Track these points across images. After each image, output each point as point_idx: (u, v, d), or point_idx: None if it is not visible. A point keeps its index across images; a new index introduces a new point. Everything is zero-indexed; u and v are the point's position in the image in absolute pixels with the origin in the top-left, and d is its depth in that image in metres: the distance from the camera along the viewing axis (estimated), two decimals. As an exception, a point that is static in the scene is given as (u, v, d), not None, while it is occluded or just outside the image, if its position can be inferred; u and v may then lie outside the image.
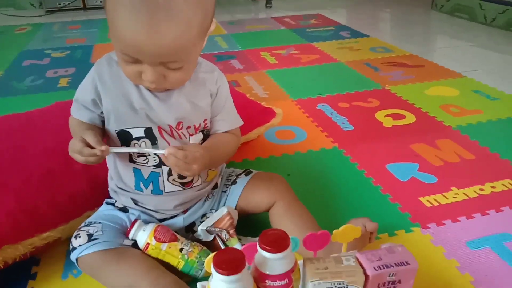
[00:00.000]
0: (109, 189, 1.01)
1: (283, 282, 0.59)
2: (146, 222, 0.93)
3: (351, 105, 1.78)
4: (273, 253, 0.58)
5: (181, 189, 0.95)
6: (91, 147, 0.81)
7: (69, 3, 3.71)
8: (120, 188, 0.96)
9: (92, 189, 1.03)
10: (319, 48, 2.53)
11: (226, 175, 1.08)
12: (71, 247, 0.88)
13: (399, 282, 0.62)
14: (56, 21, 3.42)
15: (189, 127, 0.92)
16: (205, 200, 1.01)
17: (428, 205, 1.17)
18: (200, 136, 0.95)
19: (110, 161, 0.96)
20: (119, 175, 0.95)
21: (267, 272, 0.59)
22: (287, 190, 1.03)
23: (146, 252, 0.88)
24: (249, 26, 3.11)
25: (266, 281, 0.59)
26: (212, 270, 0.55)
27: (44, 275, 0.97)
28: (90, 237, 0.87)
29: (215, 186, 1.04)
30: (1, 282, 0.96)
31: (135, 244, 0.90)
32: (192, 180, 0.96)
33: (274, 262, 0.59)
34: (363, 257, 0.64)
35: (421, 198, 1.19)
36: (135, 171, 0.92)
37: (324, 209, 1.14)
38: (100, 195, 1.02)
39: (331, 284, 0.60)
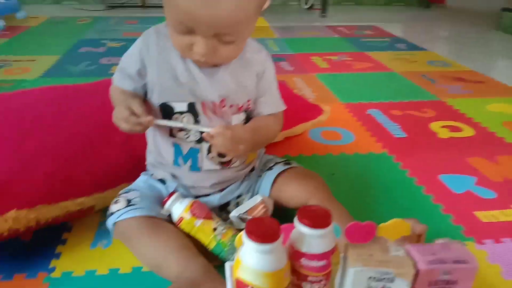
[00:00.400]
0: (147, 163, 0.99)
1: (321, 263, 0.53)
2: (184, 196, 0.90)
3: (404, 113, 1.69)
4: (312, 228, 0.52)
5: (219, 168, 0.91)
6: (136, 116, 0.79)
7: (128, 0, 3.84)
8: (158, 162, 0.94)
9: (130, 162, 1.02)
10: (373, 57, 2.45)
11: (265, 161, 1.04)
12: (108, 212, 0.87)
13: (455, 283, 0.54)
14: (115, 15, 3.53)
15: (232, 105, 0.89)
16: (241, 182, 0.97)
17: (485, 220, 1.06)
18: (242, 116, 0.92)
19: (149, 134, 0.94)
20: (158, 149, 0.93)
21: (304, 250, 0.53)
22: (324, 189, 0.96)
23: (178, 226, 0.85)
24: (301, 32, 3.07)
25: (302, 260, 0.53)
26: (243, 238, 0.50)
27: (74, 242, 0.96)
28: (128, 202, 0.86)
29: (253, 169, 1.00)
30: (32, 243, 0.96)
31: (170, 217, 0.87)
32: (231, 160, 0.92)
33: (312, 240, 0.53)
34: (414, 250, 0.56)
35: (476, 213, 1.09)
36: (174, 146, 0.90)
37: (367, 214, 1.06)
38: (137, 168, 1.00)
39: (375, 274, 0.53)
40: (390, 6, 4.10)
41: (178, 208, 0.86)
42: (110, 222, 0.86)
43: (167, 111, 0.87)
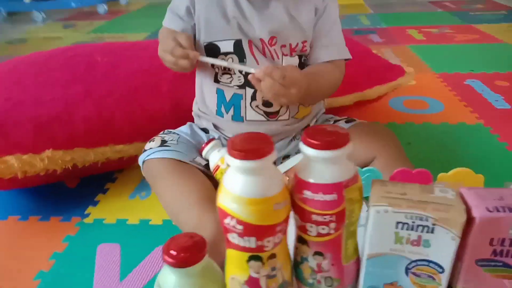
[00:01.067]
0: (193, 113, 0.92)
1: (328, 197, 0.39)
2: (223, 145, 0.82)
3: (512, 84, 1.40)
4: (318, 149, 0.38)
5: (265, 119, 0.80)
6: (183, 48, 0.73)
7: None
8: (202, 112, 0.87)
9: (174, 112, 0.95)
10: (481, 29, 2.11)
11: (322, 120, 0.90)
12: (143, 150, 0.82)
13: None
14: None
15: (283, 45, 0.78)
16: (291, 140, 0.85)
17: None
18: (295, 60, 0.80)
19: (197, 82, 0.87)
20: (203, 97, 0.86)
21: (308, 179, 0.40)
22: (394, 145, 0.80)
23: (214, 175, 0.77)
24: (399, 7, 2.80)
25: (305, 192, 0.40)
26: (226, 157, 0.38)
27: (114, 191, 0.94)
28: (163, 143, 0.80)
29: (306, 128, 0.87)
30: (76, 191, 0.95)
31: (207, 166, 0.79)
32: (278, 112, 0.80)
33: (318, 164, 0.40)
34: (472, 193, 0.40)
35: None
36: (218, 92, 0.82)
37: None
38: (182, 119, 0.93)
39: (405, 217, 0.37)
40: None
41: (215, 156, 0.78)
42: (140, 159, 0.81)
43: (213, 52, 0.79)
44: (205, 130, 0.88)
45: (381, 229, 0.39)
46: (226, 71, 0.79)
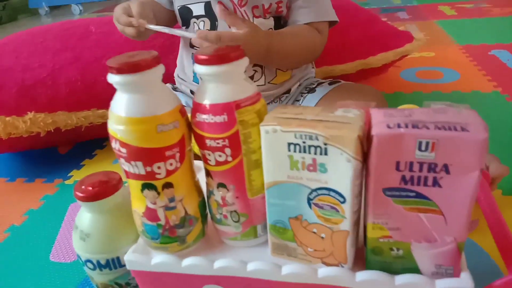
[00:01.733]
0: (174, 76, 0.91)
1: (218, 119, 0.35)
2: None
3: (544, 52, 1.27)
4: (205, 64, 0.35)
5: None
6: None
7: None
8: (181, 78, 0.86)
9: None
10: (524, 2, 1.94)
11: (305, 84, 0.85)
12: None
13: (447, 168, 0.31)
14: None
15: (256, 6, 0.74)
16: (268, 104, 0.81)
17: None
18: (270, 22, 0.75)
19: (180, 49, 0.86)
20: (182, 65, 0.85)
21: (201, 101, 0.36)
22: (378, 105, 0.73)
23: None
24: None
25: (198, 115, 0.37)
26: (108, 76, 0.36)
27: (101, 157, 0.95)
28: None
29: (288, 92, 0.82)
30: (65, 156, 0.97)
31: None
32: (252, 77, 0.77)
33: (206, 83, 0.36)
34: (380, 112, 0.34)
35: None
36: (193, 57, 0.79)
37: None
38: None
39: (295, 137, 0.33)
40: None
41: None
42: None
43: (186, 17, 0.77)
44: (182, 92, 0.86)
45: (274, 153, 0.35)
46: None
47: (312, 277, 0.38)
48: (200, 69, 0.36)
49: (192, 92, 0.83)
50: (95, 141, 0.99)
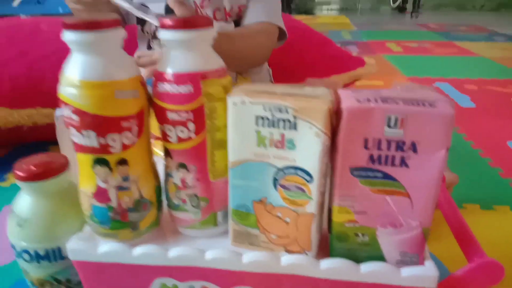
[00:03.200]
0: None
1: (182, 88, 0.33)
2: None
3: (481, 88, 1.37)
4: (172, 29, 0.33)
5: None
6: None
7: None
8: None
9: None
10: (461, 45, 2.10)
11: None
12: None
13: (414, 146, 0.30)
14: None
15: (217, 9, 0.73)
16: None
17: None
18: (231, 25, 0.75)
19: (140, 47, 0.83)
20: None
21: (164, 70, 0.34)
22: None
23: None
24: (385, 25, 2.81)
25: (159, 84, 0.34)
26: (62, 35, 0.33)
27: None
28: None
29: None
30: (3, 159, 0.90)
31: None
32: None
33: (174, 51, 0.34)
34: (348, 91, 0.34)
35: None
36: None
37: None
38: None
39: (264, 109, 0.32)
40: (498, 11, 3.62)
41: None
42: (56, 113, 0.73)
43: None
44: None
45: (241, 127, 0.33)
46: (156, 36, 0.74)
47: (275, 265, 0.36)
48: (166, 34, 0.34)
49: None
50: (37, 145, 0.92)
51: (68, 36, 0.32)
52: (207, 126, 0.35)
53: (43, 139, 0.92)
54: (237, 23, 0.76)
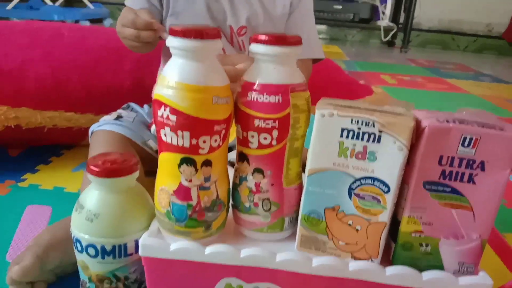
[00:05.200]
0: (152, 91, 0.87)
1: (273, 98, 0.36)
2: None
3: (475, 122, 1.44)
4: (267, 44, 0.36)
5: None
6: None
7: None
8: None
9: (134, 90, 0.91)
10: (451, 82, 2.20)
11: None
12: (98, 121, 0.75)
13: (483, 165, 0.34)
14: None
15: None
16: None
17: None
18: None
19: (160, 68, 0.84)
20: None
21: (255, 81, 0.37)
22: None
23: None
24: (376, 58, 2.92)
25: (249, 93, 0.37)
26: (168, 41, 0.35)
27: (58, 164, 0.88)
28: (119, 118, 0.75)
29: None
30: (17, 159, 0.89)
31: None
32: None
33: (266, 64, 0.37)
34: (423, 111, 0.37)
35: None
36: None
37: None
38: (141, 97, 0.89)
39: (352, 123, 0.34)
40: (481, 53, 3.80)
41: None
42: (91, 127, 0.74)
43: None
44: None
45: (325, 137, 0.35)
46: None
47: (343, 270, 0.38)
48: (259, 48, 0.37)
49: None
50: (49, 147, 0.92)
51: (175, 43, 0.35)
52: (289, 135, 0.38)
53: (58, 142, 0.92)
54: None
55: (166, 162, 0.37)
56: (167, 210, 0.38)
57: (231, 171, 0.41)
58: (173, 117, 0.35)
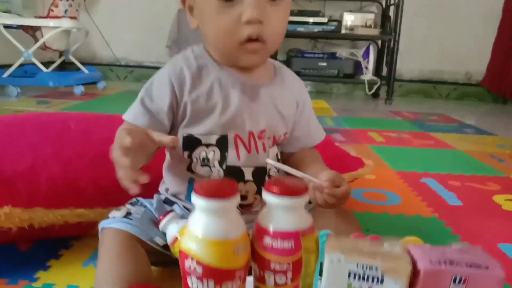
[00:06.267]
0: (159, 188, 0.90)
1: (287, 244, 0.41)
2: (181, 217, 0.80)
3: (463, 184, 1.51)
4: (278, 195, 0.41)
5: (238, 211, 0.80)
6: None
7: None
8: (171, 195, 0.83)
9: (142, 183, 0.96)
10: (436, 137, 2.30)
11: None
12: (107, 217, 0.79)
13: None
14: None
15: (269, 138, 0.80)
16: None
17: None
18: (275, 150, 0.83)
19: (166, 166, 0.85)
20: (172, 183, 0.83)
21: (267, 225, 0.42)
22: (355, 224, 0.81)
23: (172, 248, 0.74)
24: (362, 112, 3.02)
25: (264, 238, 0.42)
26: (192, 199, 0.40)
27: (68, 258, 0.91)
28: (128, 214, 0.78)
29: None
30: (27, 254, 0.91)
31: (167, 246, 0.76)
32: (252, 204, 0.78)
33: (277, 212, 0.42)
34: (417, 249, 0.42)
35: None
36: (190, 181, 0.79)
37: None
38: (148, 187, 0.93)
39: (357, 267, 0.39)
40: (462, 101, 3.96)
41: (173, 228, 0.74)
42: (101, 224, 0.78)
43: (191, 143, 0.77)
44: (171, 203, 0.84)
45: (335, 280, 0.40)
46: (206, 163, 0.77)
47: None
48: (273, 199, 0.42)
49: (185, 208, 0.81)
50: (57, 239, 0.95)
51: (199, 202, 0.40)
52: (301, 274, 0.42)
53: (68, 235, 0.95)
54: (277, 146, 0.85)
55: (192, 303, 0.41)
56: None
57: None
58: (199, 269, 0.39)
